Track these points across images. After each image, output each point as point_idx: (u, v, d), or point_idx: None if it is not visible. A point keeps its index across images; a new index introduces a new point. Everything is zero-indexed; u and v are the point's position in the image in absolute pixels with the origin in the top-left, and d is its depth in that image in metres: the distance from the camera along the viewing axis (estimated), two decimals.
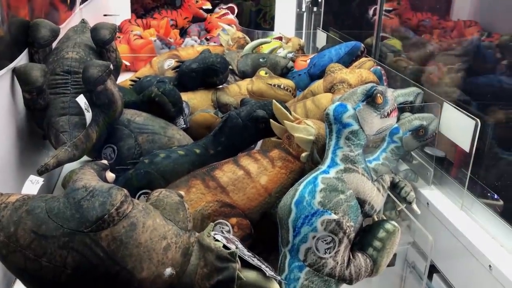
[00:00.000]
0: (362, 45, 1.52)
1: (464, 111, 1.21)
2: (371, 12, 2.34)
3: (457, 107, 1.24)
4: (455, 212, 1.21)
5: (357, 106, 0.84)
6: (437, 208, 1.23)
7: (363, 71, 1.23)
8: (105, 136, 1.05)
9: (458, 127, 1.23)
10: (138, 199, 0.90)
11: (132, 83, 1.44)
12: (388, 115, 0.86)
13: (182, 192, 0.77)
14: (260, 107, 0.97)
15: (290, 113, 0.96)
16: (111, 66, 0.96)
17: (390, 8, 2.46)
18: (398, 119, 1.31)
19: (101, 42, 1.06)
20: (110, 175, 0.79)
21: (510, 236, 1.07)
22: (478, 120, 1.16)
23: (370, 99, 0.84)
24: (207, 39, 2.31)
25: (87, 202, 0.64)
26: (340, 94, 1.12)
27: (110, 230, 0.63)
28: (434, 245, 1.10)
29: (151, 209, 0.69)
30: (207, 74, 1.29)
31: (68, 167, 1.15)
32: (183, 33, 2.62)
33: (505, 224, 1.09)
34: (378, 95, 0.84)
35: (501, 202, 1.27)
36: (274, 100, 0.95)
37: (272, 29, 2.77)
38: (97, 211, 0.63)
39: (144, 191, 0.91)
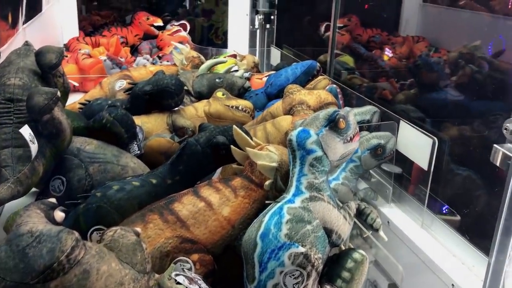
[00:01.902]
0: (318, 64, 1.53)
1: (420, 130, 1.22)
2: (323, 28, 2.36)
3: (413, 125, 1.26)
4: (416, 230, 1.21)
5: (320, 131, 0.82)
6: (397, 226, 1.23)
7: (322, 92, 1.22)
8: (53, 167, 0.98)
9: (416, 145, 1.24)
10: (90, 236, 0.84)
11: (81, 106, 1.37)
12: (351, 139, 0.85)
13: (138, 229, 0.72)
14: (220, 132, 0.94)
15: (251, 138, 0.93)
16: (58, 93, 0.90)
17: (341, 25, 2.50)
18: None
19: (47, 67, 0.99)
20: (59, 215, 0.73)
21: (470, 253, 1.08)
22: (436, 139, 1.17)
23: (332, 124, 0.83)
24: (159, 57, 2.26)
25: (33, 250, 0.58)
26: (299, 116, 1.11)
27: (60, 280, 0.57)
28: (396, 262, 1.10)
29: (105, 252, 0.63)
30: (161, 96, 1.24)
31: (11, 206, 1.06)
32: (134, 50, 2.54)
33: (464, 241, 1.10)
34: (341, 120, 0.83)
35: (458, 218, 1.30)
36: (234, 126, 0.92)
37: (225, 45, 2.74)
38: (44, 259, 0.57)
39: (97, 227, 0.85)
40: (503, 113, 1.16)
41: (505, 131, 0.94)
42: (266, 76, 1.79)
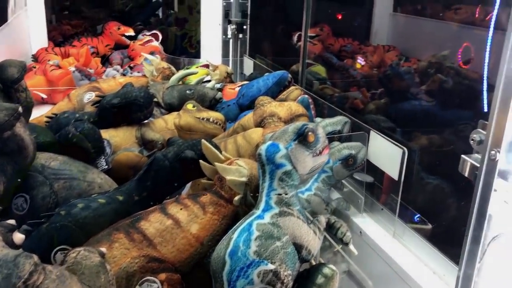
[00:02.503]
0: (289, 74, 1.53)
1: (391, 140, 1.23)
2: (295, 38, 2.38)
3: (383, 135, 1.26)
4: (388, 240, 1.22)
5: (289, 145, 0.81)
6: (370, 236, 1.24)
7: (292, 104, 1.22)
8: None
9: (386, 155, 1.25)
10: (54, 257, 0.81)
11: (48, 120, 1.33)
12: (320, 153, 0.84)
13: (103, 249, 0.70)
14: (188, 147, 0.92)
15: (221, 152, 0.91)
16: (20, 109, 0.87)
17: (314, 35, 2.52)
18: None
19: (9, 82, 0.97)
20: (18, 237, 0.70)
21: (441, 262, 1.09)
22: (405, 148, 1.18)
23: (301, 137, 0.82)
24: (130, 67, 2.22)
25: None
26: (270, 128, 1.10)
27: None
28: (369, 273, 1.10)
29: (66, 276, 0.61)
30: (130, 109, 1.21)
31: None
32: (105, 61, 2.50)
33: (435, 250, 1.11)
34: (310, 133, 0.82)
35: (429, 226, 1.31)
36: (203, 140, 0.90)
37: (198, 54, 2.73)
38: (0, 286, 0.54)
39: (61, 247, 0.82)
40: (471, 122, 1.18)
41: (472, 141, 0.95)
42: (239, 86, 1.78)
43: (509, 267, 0.86)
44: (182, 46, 3.67)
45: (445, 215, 1.34)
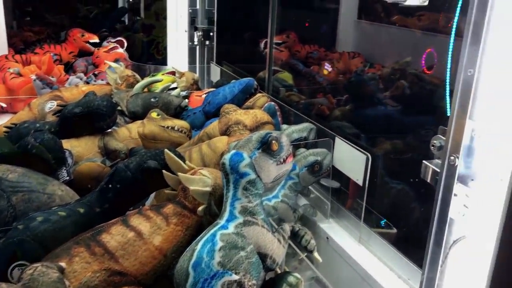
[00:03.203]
0: (255, 82, 1.53)
1: (355, 146, 1.25)
2: (262, 45, 2.38)
3: (348, 142, 1.28)
4: (354, 245, 1.23)
5: (253, 154, 0.81)
6: (336, 242, 1.25)
7: (258, 112, 1.22)
8: None
9: (351, 161, 1.27)
10: (11, 274, 0.78)
11: (7, 130, 1.29)
12: (284, 161, 0.84)
13: (63, 264, 0.68)
14: (151, 157, 0.90)
15: (185, 161, 0.90)
16: None
17: (280, 41, 2.53)
18: (294, 155, 1.32)
19: None
20: None
21: (405, 267, 1.11)
22: (369, 154, 1.20)
23: (265, 146, 0.82)
24: (95, 75, 2.18)
25: None
26: (236, 136, 1.10)
27: None
28: (336, 279, 1.10)
29: None
30: (92, 119, 1.19)
31: None
32: (69, 68, 2.45)
33: (400, 255, 1.13)
34: (273, 141, 0.82)
35: (394, 231, 1.33)
36: (166, 150, 0.89)
37: (164, 61, 2.70)
38: None
39: (18, 263, 0.79)
40: (434, 127, 1.21)
41: (432, 147, 0.97)
42: (205, 93, 1.77)
43: (471, 270, 0.88)
44: (149, 52, 3.63)
45: (410, 219, 1.36)
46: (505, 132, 0.79)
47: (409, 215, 1.37)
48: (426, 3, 0.74)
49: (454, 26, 1.04)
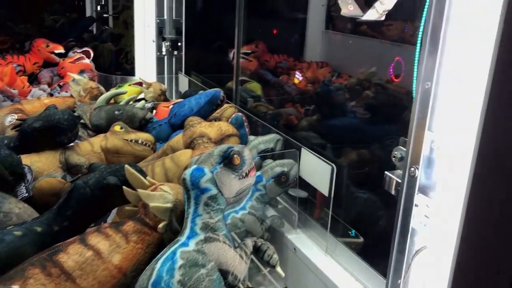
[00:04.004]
0: (222, 93, 1.52)
1: (320, 157, 1.26)
2: (231, 55, 2.38)
3: (313, 152, 1.29)
4: (320, 255, 1.23)
5: (214, 169, 0.81)
6: (303, 253, 1.25)
7: (222, 124, 1.22)
8: None
9: (316, 171, 1.27)
10: None
11: None
12: (247, 175, 0.84)
13: (16, 287, 0.65)
14: (111, 173, 0.89)
15: (146, 177, 0.89)
16: None
17: (249, 51, 2.54)
18: (261, 167, 1.31)
19: None
20: None
21: (371, 276, 1.12)
22: (333, 165, 1.21)
23: (227, 160, 0.81)
24: (60, 86, 2.14)
25: None
26: (200, 149, 1.09)
27: None
28: None
29: None
30: (53, 133, 1.16)
31: None
32: (33, 79, 2.39)
33: (365, 265, 1.14)
34: (235, 156, 0.82)
35: (361, 240, 1.34)
36: (126, 165, 0.87)
37: (132, 72, 2.67)
38: None
39: None
40: (398, 137, 1.23)
41: (393, 158, 0.99)
42: (173, 104, 1.75)
43: (433, 280, 0.89)
44: (119, 61, 3.59)
45: (376, 228, 1.37)
46: (463, 143, 0.80)
47: (376, 224, 1.38)
48: (383, 18, 0.75)
49: (420, 36, 1.06)
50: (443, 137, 0.86)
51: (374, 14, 0.72)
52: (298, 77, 2.38)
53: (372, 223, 1.38)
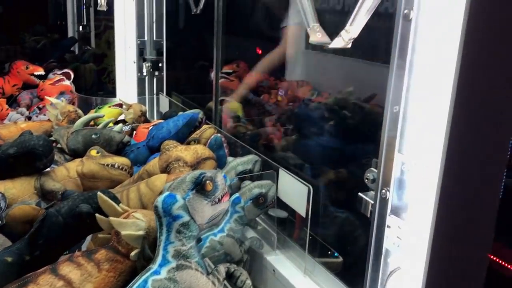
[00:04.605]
0: (200, 114, 1.53)
1: (297, 178, 1.27)
2: (212, 75, 2.40)
3: (291, 173, 1.30)
4: (299, 277, 1.23)
5: (187, 195, 0.81)
6: (282, 274, 1.25)
7: (199, 147, 1.22)
8: None
9: (294, 192, 1.28)
10: None
11: None
12: (219, 200, 0.85)
13: None
14: (84, 200, 0.88)
15: (119, 203, 0.89)
16: None
17: (230, 71, 2.56)
18: (239, 188, 1.32)
19: None
20: None
21: None
22: (310, 186, 1.22)
23: (199, 187, 0.82)
24: (39, 108, 2.13)
25: None
26: (175, 174, 1.09)
27: None
28: None
29: None
30: (28, 159, 1.15)
31: None
32: (13, 101, 2.38)
33: (343, 286, 1.14)
34: (208, 182, 0.82)
35: (340, 260, 1.34)
36: (99, 192, 0.87)
37: (114, 92, 2.67)
38: None
39: None
40: (372, 156, 1.25)
41: (366, 180, 1.00)
42: (153, 125, 1.76)
43: None
44: (101, 81, 3.59)
45: (355, 248, 1.38)
46: (432, 165, 0.82)
47: (354, 243, 1.39)
48: (349, 46, 0.77)
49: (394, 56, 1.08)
50: (413, 159, 0.87)
51: (340, 42, 0.74)
52: (281, 94, 2.40)
53: (351, 243, 1.38)
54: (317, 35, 0.81)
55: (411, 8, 0.81)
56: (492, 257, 1.40)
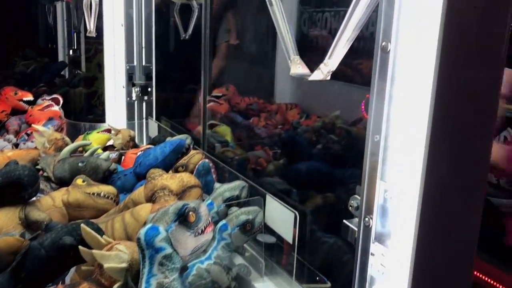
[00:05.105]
0: (188, 140, 1.54)
1: (283, 204, 1.27)
2: (200, 99, 2.42)
3: (277, 199, 1.30)
4: None
5: (169, 227, 0.81)
6: None
7: (184, 175, 1.22)
8: None
9: (281, 218, 1.29)
10: None
11: None
12: (203, 231, 0.85)
13: None
14: (67, 232, 0.88)
15: (102, 235, 0.88)
16: None
17: (220, 94, 2.58)
18: (226, 215, 1.32)
19: None
20: None
21: None
22: (296, 212, 1.22)
23: (182, 218, 0.82)
24: (27, 134, 2.12)
25: None
26: (160, 203, 1.09)
27: None
28: None
29: None
30: (12, 190, 1.15)
31: None
32: (1, 127, 2.37)
33: None
34: (191, 213, 0.83)
35: (328, 285, 1.34)
36: (82, 224, 0.87)
37: (103, 117, 2.67)
38: None
39: None
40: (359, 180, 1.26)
41: (350, 207, 1.01)
42: (141, 150, 1.76)
43: None
44: (91, 104, 3.59)
45: (343, 273, 1.38)
46: (412, 193, 0.83)
47: (343, 268, 1.39)
48: (328, 78, 0.78)
49: None
50: (396, 186, 0.88)
51: (319, 75, 0.76)
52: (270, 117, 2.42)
53: (339, 268, 1.38)
54: (298, 68, 0.83)
55: (389, 41, 0.83)
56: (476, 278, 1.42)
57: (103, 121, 2.51)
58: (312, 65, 0.92)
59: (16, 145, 1.96)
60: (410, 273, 0.82)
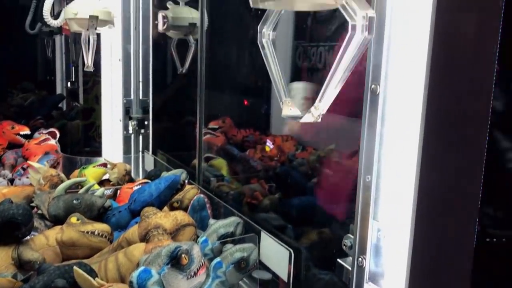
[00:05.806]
0: (183, 176, 1.54)
1: (278, 241, 1.27)
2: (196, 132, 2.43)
3: (272, 236, 1.30)
4: None
5: (162, 270, 0.81)
6: None
7: (178, 214, 1.23)
8: None
9: (276, 256, 1.28)
10: None
11: None
12: (195, 274, 0.85)
13: None
14: (59, 275, 0.88)
15: (95, 277, 0.88)
16: None
17: (216, 126, 2.59)
18: (221, 252, 1.31)
19: None
20: None
21: None
22: (291, 250, 1.22)
23: (174, 261, 0.82)
24: (23, 169, 2.13)
25: None
26: (153, 242, 1.09)
27: None
28: None
29: None
30: (6, 229, 1.14)
31: None
32: None
33: None
34: (183, 255, 0.83)
35: None
36: (75, 267, 0.87)
37: (99, 151, 2.68)
38: None
39: None
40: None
41: (344, 247, 1.01)
42: (137, 185, 1.76)
43: None
44: (88, 136, 3.60)
45: None
46: (404, 232, 0.84)
47: None
48: (319, 120, 0.80)
49: None
50: (389, 226, 0.89)
51: (310, 117, 0.77)
52: (269, 145, 2.42)
53: None
54: (289, 109, 0.84)
55: (378, 83, 0.85)
56: None
57: (100, 153, 2.52)
58: None
59: (11, 181, 1.96)
60: None
